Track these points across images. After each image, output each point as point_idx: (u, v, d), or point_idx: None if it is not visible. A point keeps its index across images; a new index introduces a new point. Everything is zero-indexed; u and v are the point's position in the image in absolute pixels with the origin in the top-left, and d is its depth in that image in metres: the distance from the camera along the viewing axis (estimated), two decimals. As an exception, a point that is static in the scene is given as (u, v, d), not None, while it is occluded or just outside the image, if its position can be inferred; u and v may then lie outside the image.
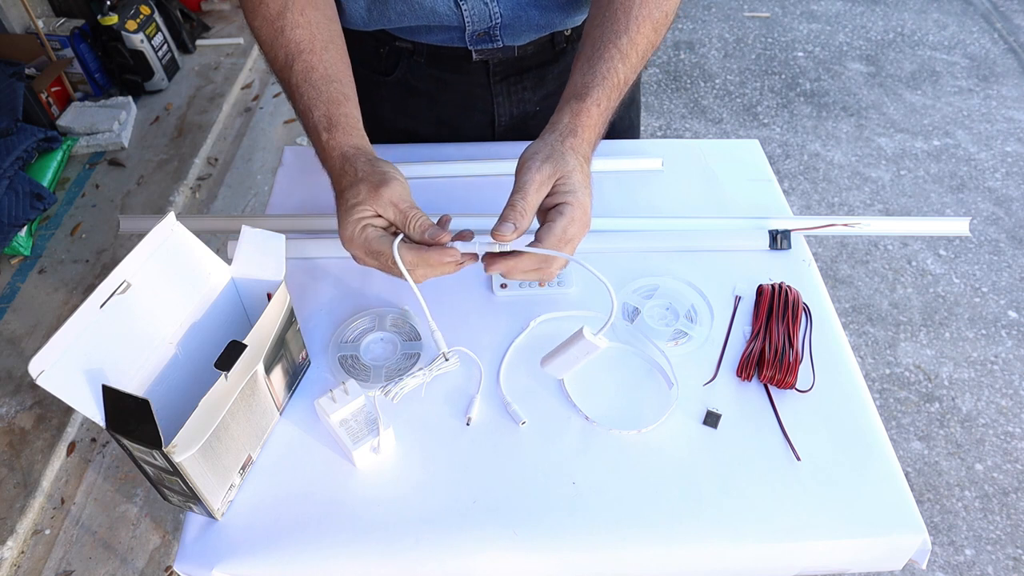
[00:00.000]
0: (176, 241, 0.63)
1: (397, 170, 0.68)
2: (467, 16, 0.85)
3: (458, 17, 0.85)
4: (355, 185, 0.66)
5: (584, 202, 0.66)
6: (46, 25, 2.58)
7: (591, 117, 0.70)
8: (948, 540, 1.59)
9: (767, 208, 0.93)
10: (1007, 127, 2.74)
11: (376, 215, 0.66)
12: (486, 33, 0.89)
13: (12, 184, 2.08)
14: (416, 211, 0.66)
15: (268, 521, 0.63)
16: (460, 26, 0.87)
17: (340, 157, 0.69)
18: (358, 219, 0.65)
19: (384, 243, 0.65)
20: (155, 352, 0.61)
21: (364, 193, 0.65)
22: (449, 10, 0.84)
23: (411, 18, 0.86)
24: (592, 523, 0.63)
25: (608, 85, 0.71)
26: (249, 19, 0.77)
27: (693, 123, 2.80)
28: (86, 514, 1.62)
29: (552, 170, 0.66)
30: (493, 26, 0.87)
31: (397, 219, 0.66)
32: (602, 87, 0.71)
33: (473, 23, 0.86)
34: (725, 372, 0.75)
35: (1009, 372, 1.91)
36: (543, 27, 0.90)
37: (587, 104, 0.70)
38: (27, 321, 1.97)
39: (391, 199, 0.65)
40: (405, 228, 0.66)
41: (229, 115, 2.76)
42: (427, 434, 0.70)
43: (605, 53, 0.72)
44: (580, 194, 0.65)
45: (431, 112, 1.02)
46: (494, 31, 0.88)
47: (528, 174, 0.65)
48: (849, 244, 2.26)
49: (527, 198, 0.65)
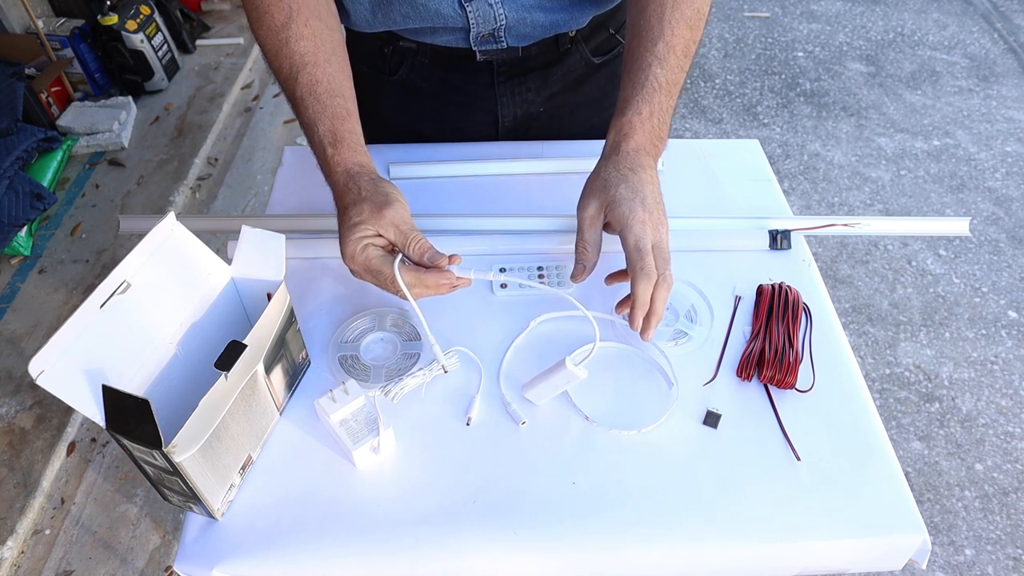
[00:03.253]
0: (176, 241, 0.63)
1: (399, 191, 0.72)
2: (472, 18, 0.85)
3: (463, 19, 0.85)
4: (358, 204, 0.69)
5: (639, 213, 0.68)
6: (46, 25, 2.58)
7: (633, 126, 0.73)
8: (948, 540, 1.59)
9: (767, 208, 0.93)
10: (1007, 127, 2.74)
11: (377, 235, 0.69)
12: (491, 35, 0.89)
13: (12, 184, 2.08)
14: (417, 234, 0.69)
15: (268, 521, 0.63)
16: (465, 28, 0.87)
17: (344, 174, 0.72)
18: (360, 238, 0.68)
19: (383, 263, 0.68)
20: (155, 352, 0.61)
21: (367, 213, 0.68)
22: (454, 12, 0.84)
23: (416, 20, 0.86)
24: (592, 523, 0.63)
25: (648, 91, 0.74)
26: (254, 29, 0.78)
27: (693, 123, 2.80)
28: (86, 514, 1.62)
29: (599, 204, 0.71)
30: (498, 28, 0.87)
31: (398, 240, 0.69)
32: (640, 95, 0.74)
33: (478, 25, 0.86)
34: (725, 372, 0.75)
35: (1009, 372, 1.91)
36: (548, 28, 0.90)
37: (628, 117, 0.74)
38: (27, 321, 1.97)
39: (393, 220, 0.69)
40: (405, 249, 0.69)
41: (229, 115, 2.76)
42: (427, 434, 0.70)
43: (642, 62, 0.76)
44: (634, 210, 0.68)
45: (434, 112, 1.02)
46: (499, 33, 0.88)
47: (581, 212, 0.73)
48: (849, 244, 2.26)
49: (584, 236, 0.72)
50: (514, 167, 0.97)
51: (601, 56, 1.01)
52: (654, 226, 0.69)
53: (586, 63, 1.00)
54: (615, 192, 0.70)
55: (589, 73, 1.02)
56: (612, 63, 1.03)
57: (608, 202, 0.70)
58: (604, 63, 1.02)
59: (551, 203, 0.91)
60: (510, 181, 0.96)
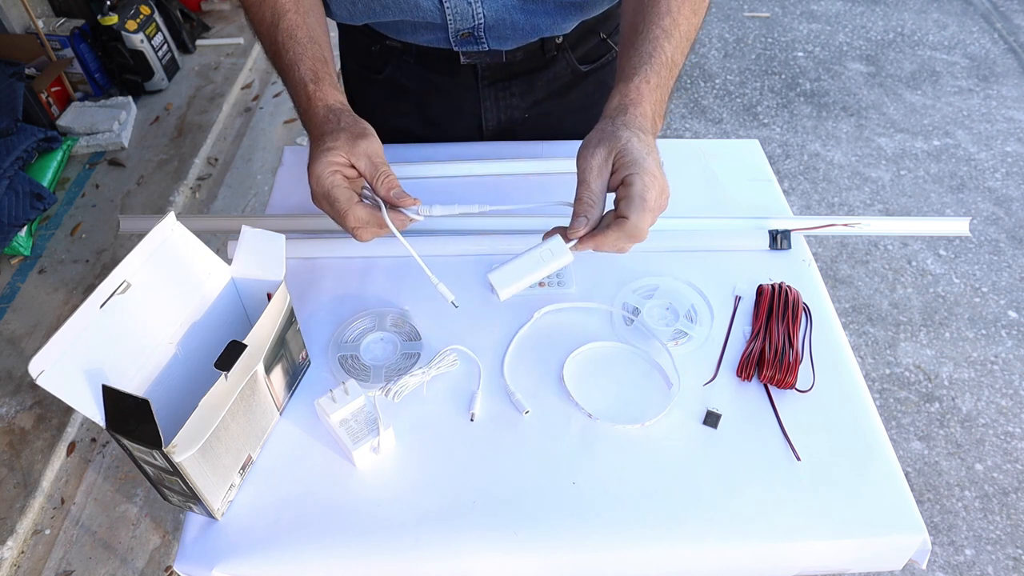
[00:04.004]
0: (176, 241, 0.63)
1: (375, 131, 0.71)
2: (449, 14, 0.85)
3: (440, 14, 0.85)
4: (336, 132, 0.69)
5: (651, 168, 0.63)
6: (46, 25, 2.58)
7: (641, 93, 0.69)
8: (948, 540, 1.59)
9: (767, 208, 0.93)
10: (1007, 127, 2.74)
11: (349, 165, 0.69)
12: (470, 34, 0.88)
13: (12, 184, 2.08)
14: (387, 168, 0.69)
15: (268, 521, 0.63)
16: (443, 24, 0.87)
17: (325, 108, 0.72)
18: (330, 161, 0.68)
19: (343, 194, 0.68)
20: (155, 352, 0.61)
21: (343, 140, 0.68)
22: (432, 6, 0.84)
23: (395, 11, 0.86)
24: (592, 523, 0.63)
25: (656, 62, 0.70)
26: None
27: (693, 123, 2.80)
28: (86, 514, 1.62)
29: (607, 151, 0.64)
30: (476, 27, 0.87)
31: (368, 171, 0.69)
32: (649, 64, 0.70)
33: (456, 21, 0.86)
34: (725, 372, 0.75)
35: (1009, 372, 1.91)
36: (529, 32, 0.89)
37: (635, 83, 0.69)
38: (27, 321, 1.97)
39: (367, 151, 0.69)
40: (374, 181, 0.69)
41: (229, 115, 2.76)
42: (427, 434, 0.70)
43: (649, 34, 0.72)
44: (645, 162, 0.63)
45: (420, 112, 1.02)
46: (478, 32, 0.88)
47: (584, 162, 0.65)
48: (849, 244, 2.26)
49: (590, 186, 0.64)
50: (499, 167, 0.97)
51: (589, 64, 1.00)
52: (659, 190, 0.63)
53: (572, 71, 0.99)
54: (627, 143, 0.64)
55: (576, 81, 1.01)
56: (600, 71, 1.02)
57: (620, 150, 0.64)
58: (591, 71, 1.01)
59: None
60: (495, 181, 0.96)
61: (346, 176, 0.69)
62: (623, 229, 0.62)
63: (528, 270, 0.65)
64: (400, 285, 0.83)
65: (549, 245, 0.65)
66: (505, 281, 0.65)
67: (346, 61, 1.05)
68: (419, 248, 0.82)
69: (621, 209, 0.63)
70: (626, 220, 0.62)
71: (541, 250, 0.65)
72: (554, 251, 0.65)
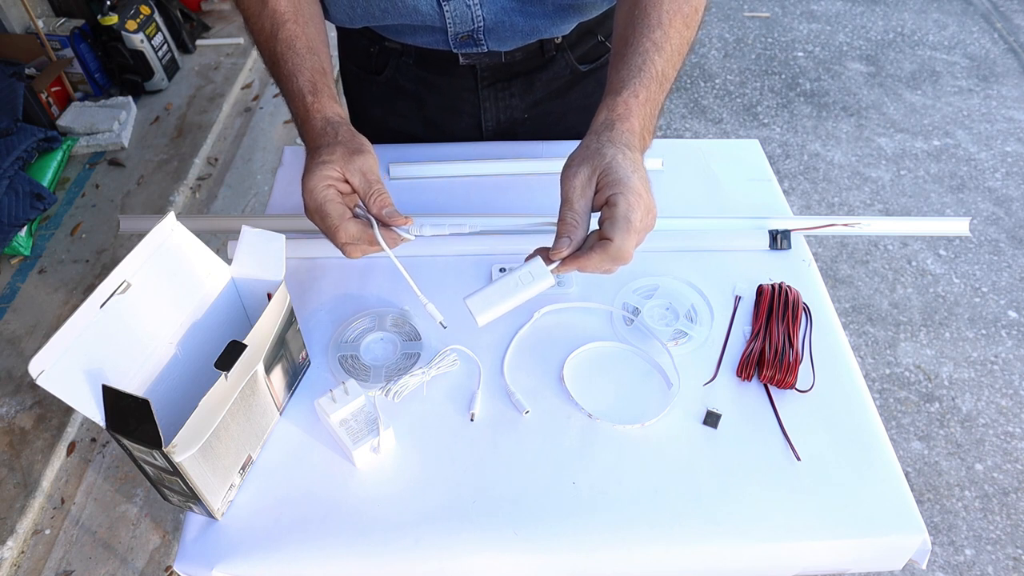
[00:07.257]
0: (176, 241, 0.63)
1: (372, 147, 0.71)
2: (449, 17, 0.85)
3: (440, 18, 0.85)
4: (332, 146, 0.69)
5: (637, 187, 0.61)
6: (46, 25, 2.58)
7: (629, 108, 0.67)
8: (948, 540, 1.59)
9: (767, 208, 0.93)
10: (1007, 127, 2.74)
11: (343, 179, 0.68)
12: (470, 36, 0.88)
13: (12, 184, 2.08)
14: (381, 186, 0.69)
15: (268, 521, 0.63)
16: (443, 27, 0.87)
17: (323, 120, 0.72)
18: (325, 175, 0.68)
19: (335, 210, 0.68)
20: (155, 352, 0.61)
21: (339, 155, 0.68)
22: (431, 9, 0.84)
23: (394, 16, 0.86)
24: (592, 523, 0.63)
25: (645, 76, 0.68)
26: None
27: (693, 123, 2.80)
28: (86, 514, 1.62)
29: (591, 169, 0.63)
30: (476, 29, 0.87)
31: (362, 187, 0.68)
32: (638, 78, 0.68)
33: (455, 24, 0.86)
34: (725, 372, 0.75)
35: (1009, 372, 1.91)
36: (528, 34, 0.89)
37: (623, 97, 0.67)
38: (27, 321, 1.97)
39: (362, 168, 0.68)
40: (367, 198, 0.68)
41: (229, 115, 2.76)
42: (427, 434, 0.70)
43: (639, 47, 0.70)
44: (631, 180, 0.61)
45: (419, 113, 1.02)
46: (477, 35, 0.88)
47: (568, 181, 0.64)
48: (849, 244, 2.26)
49: (573, 206, 0.63)
50: (499, 167, 0.97)
51: (588, 64, 1.00)
52: (645, 210, 0.62)
53: (572, 71, 0.99)
54: (611, 161, 0.62)
55: (575, 81, 1.01)
56: (599, 71, 1.02)
57: (603, 168, 0.62)
58: (591, 71, 1.01)
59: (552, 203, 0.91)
60: (495, 181, 0.96)
61: (340, 191, 0.68)
62: (607, 251, 0.61)
63: (507, 294, 0.63)
64: (400, 285, 0.83)
65: (529, 268, 0.63)
66: (483, 306, 0.63)
67: (345, 62, 1.05)
68: (419, 248, 0.83)
69: (605, 230, 0.61)
70: (610, 242, 0.60)
71: (521, 273, 0.63)
72: (535, 274, 0.63)
